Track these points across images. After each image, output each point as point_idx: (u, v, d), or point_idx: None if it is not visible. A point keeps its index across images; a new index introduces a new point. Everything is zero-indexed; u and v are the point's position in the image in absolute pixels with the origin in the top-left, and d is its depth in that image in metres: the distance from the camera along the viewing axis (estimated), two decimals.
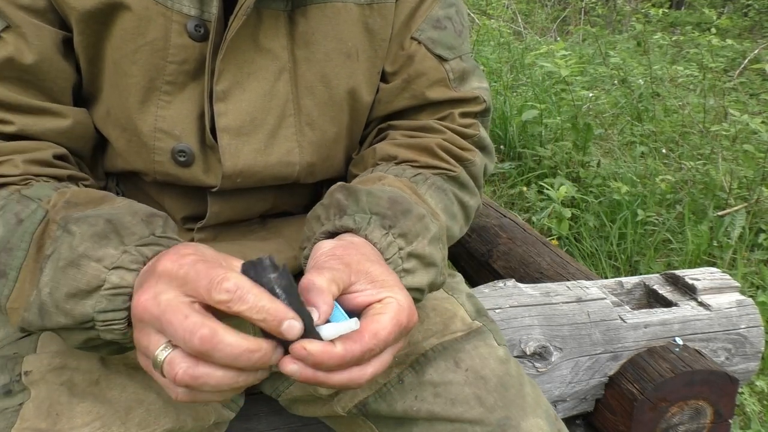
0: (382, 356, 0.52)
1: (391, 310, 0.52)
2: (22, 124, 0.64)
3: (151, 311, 0.48)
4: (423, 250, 0.64)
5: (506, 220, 1.72)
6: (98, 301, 0.53)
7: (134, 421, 0.63)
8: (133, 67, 0.65)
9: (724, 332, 1.14)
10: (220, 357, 0.45)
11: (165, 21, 0.64)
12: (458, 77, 0.79)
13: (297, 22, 0.69)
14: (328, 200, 0.67)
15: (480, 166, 0.80)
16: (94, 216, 0.56)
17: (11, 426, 0.60)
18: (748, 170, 2.72)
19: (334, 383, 0.49)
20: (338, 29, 0.71)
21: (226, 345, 0.45)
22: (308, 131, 0.72)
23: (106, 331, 0.54)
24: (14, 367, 0.65)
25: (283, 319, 0.46)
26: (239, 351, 0.45)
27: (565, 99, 3.38)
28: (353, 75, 0.73)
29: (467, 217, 0.78)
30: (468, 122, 0.79)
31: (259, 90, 0.68)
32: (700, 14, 6.30)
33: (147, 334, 0.49)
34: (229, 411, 0.78)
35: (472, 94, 0.79)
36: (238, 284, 0.46)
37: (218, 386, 0.47)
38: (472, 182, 0.78)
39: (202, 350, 0.45)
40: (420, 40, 0.77)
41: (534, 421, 0.70)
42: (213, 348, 0.45)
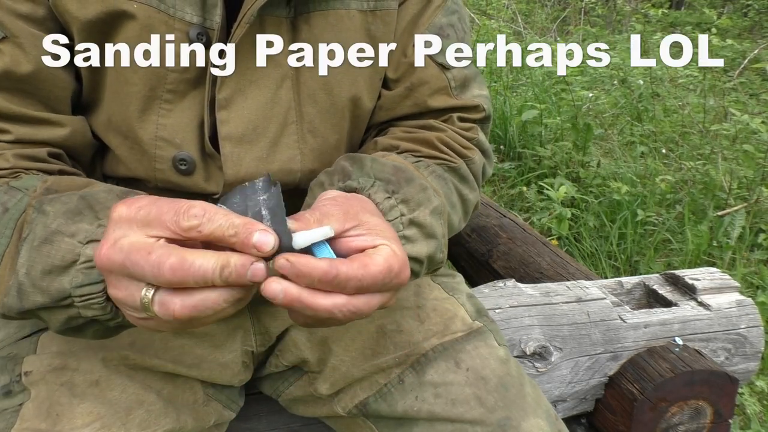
0: (369, 297, 0.49)
1: (385, 252, 0.50)
2: (19, 134, 0.64)
3: (114, 259, 0.46)
4: (424, 219, 0.63)
5: (506, 220, 1.72)
6: (74, 276, 0.52)
7: (135, 422, 0.63)
8: (134, 76, 0.65)
9: (723, 332, 1.14)
10: (196, 282, 0.44)
11: (167, 29, 0.64)
12: (459, 85, 0.79)
13: (300, 29, 0.69)
14: (332, 168, 0.68)
15: (479, 164, 0.80)
16: (68, 194, 0.56)
17: (11, 426, 0.60)
18: (748, 170, 2.72)
19: (318, 306, 0.47)
20: (341, 36, 0.71)
21: (197, 267, 0.43)
22: (310, 138, 0.72)
23: (86, 307, 0.52)
24: (14, 367, 0.65)
25: (253, 231, 0.44)
26: (211, 267, 0.44)
27: (565, 99, 3.38)
28: (355, 82, 0.73)
29: (466, 212, 0.78)
30: (467, 126, 0.79)
31: (261, 98, 0.68)
32: (700, 14, 6.30)
33: (120, 284, 0.47)
34: (230, 411, 0.78)
35: (473, 103, 0.79)
36: (205, 207, 0.45)
37: (217, 305, 0.45)
38: (472, 177, 0.78)
39: (175, 280, 0.44)
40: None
41: (534, 421, 0.70)
42: (186, 274, 0.43)
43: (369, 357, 0.75)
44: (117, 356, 0.67)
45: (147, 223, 0.46)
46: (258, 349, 0.79)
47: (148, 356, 0.69)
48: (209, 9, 0.64)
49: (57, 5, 0.63)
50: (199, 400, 0.73)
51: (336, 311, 0.48)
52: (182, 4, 0.64)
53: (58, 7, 0.63)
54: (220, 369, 0.75)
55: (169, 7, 0.63)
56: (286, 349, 0.80)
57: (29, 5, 0.62)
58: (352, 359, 0.76)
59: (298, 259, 0.45)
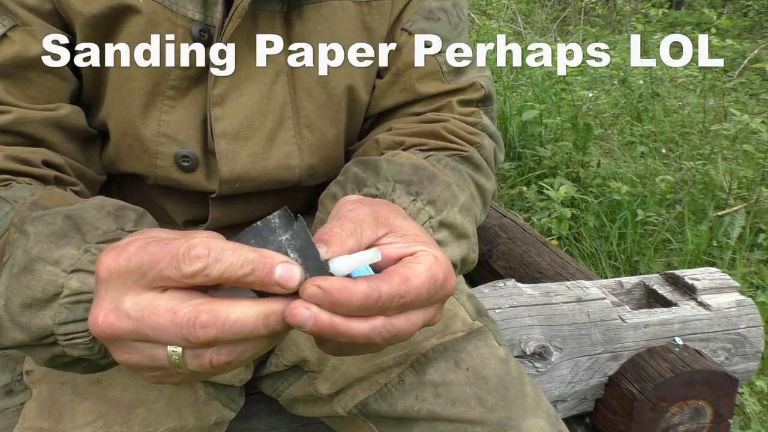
0: (412, 314, 0.43)
1: (427, 261, 0.43)
2: (19, 113, 0.62)
3: (120, 327, 0.40)
4: (454, 219, 0.59)
5: (506, 220, 1.72)
6: (57, 311, 0.46)
7: (136, 421, 0.63)
8: (138, 72, 0.65)
9: (723, 332, 1.14)
10: (236, 338, 0.38)
11: (171, 25, 0.64)
12: (453, 70, 0.75)
13: (293, 24, 0.69)
14: (343, 176, 0.64)
15: (490, 150, 0.76)
16: (53, 213, 0.50)
17: (13, 426, 0.60)
18: (748, 170, 2.72)
19: (355, 333, 0.40)
20: (334, 28, 0.70)
21: (234, 322, 0.38)
22: (307, 133, 0.72)
23: (71, 347, 0.47)
24: (15, 366, 0.65)
25: (273, 265, 0.38)
26: (252, 321, 0.38)
27: (565, 99, 3.38)
28: (351, 74, 0.73)
29: (484, 202, 0.74)
30: (469, 110, 0.76)
31: (256, 93, 0.68)
32: (700, 14, 6.30)
33: (133, 349, 0.41)
34: (230, 411, 0.78)
35: (469, 82, 0.76)
36: (209, 245, 0.38)
37: (257, 349, 0.40)
38: (485, 164, 0.74)
39: (211, 340, 0.38)
40: (410, 31, 0.74)
41: (534, 421, 0.70)
42: (222, 332, 0.38)
43: (369, 357, 0.75)
44: None
45: (143, 275, 0.39)
46: None
47: None
48: (210, 6, 0.64)
49: (61, 0, 0.63)
50: (200, 399, 0.73)
51: (375, 336, 0.41)
52: (184, 1, 0.64)
53: (62, 2, 0.63)
54: None
55: (173, 3, 0.63)
56: (286, 349, 0.80)
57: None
58: (352, 359, 0.76)
59: (332, 284, 0.39)
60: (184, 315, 0.38)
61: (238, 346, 0.39)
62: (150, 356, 0.41)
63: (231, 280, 0.38)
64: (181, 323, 0.38)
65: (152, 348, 0.40)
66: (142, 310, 0.39)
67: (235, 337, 0.38)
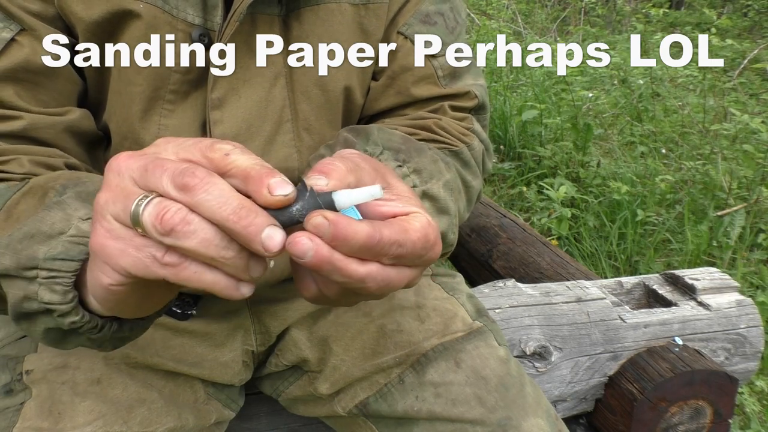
0: (402, 268, 0.43)
1: (422, 221, 0.43)
2: (31, 119, 0.63)
3: (134, 162, 0.40)
4: (437, 192, 0.60)
5: (506, 220, 1.72)
6: (53, 247, 0.47)
7: (136, 420, 0.63)
8: (138, 77, 0.65)
9: (723, 332, 1.14)
10: (209, 199, 0.37)
11: (171, 30, 0.64)
12: (449, 74, 0.76)
13: (291, 27, 0.69)
14: (333, 140, 0.65)
15: (479, 151, 0.76)
16: (94, 180, 0.53)
17: (13, 425, 0.60)
18: (748, 170, 2.72)
19: (351, 273, 0.40)
20: (332, 30, 0.71)
21: (218, 186, 0.37)
22: (306, 136, 0.72)
23: (46, 287, 0.47)
24: (15, 366, 0.65)
25: (272, 174, 0.39)
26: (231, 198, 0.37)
27: (564, 99, 3.38)
28: (349, 76, 0.73)
29: (470, 199, 0.74)
30: (461, 116, 0.76)
31: (254, 96, 0.68)
32: (699, 14, 6.30)
33: (120, 189, 0.40)
34: (230, 411, 0.78)
35: (463, 89, 0.76)
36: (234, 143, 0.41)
37: (205, 245, 0.38)
38: (474, 163, 0.74)
39: (187, 187, 0.37)
40: (406, 35, 0.74)
41: (535, 421, 0.70)
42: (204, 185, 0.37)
43: (369, 357, 0.75)
44: (118, 354, 0.67)
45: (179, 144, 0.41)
46: (258, 349, 0.79)
47: (148, 355, 0.69)
48: (210, 10, 0.64)
49: (62, 6, 0.63)
50: (199, 398, 0.73)
51: (369, 281, 0.41)
52: (184, 5, 0.64)
53: (64, 8, 0.63)
54: (220, 368, 0.75)
55: (173, 8, 0.63)
56: (286, 349, 0.80)
57: (40, 4, 0.62)
58: (353, 359, 0.76)
59: (339, 218, 0.38)
60: (184, 162, 0.39)
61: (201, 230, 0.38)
62: (125, 197, 0.39)
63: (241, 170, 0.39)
64: (177, 165, 0.38)
65: (131, 192, 0.39)
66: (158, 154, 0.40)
67: (212, 200, 0.37)
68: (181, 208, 0.37)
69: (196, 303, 0.76)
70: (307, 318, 0.80)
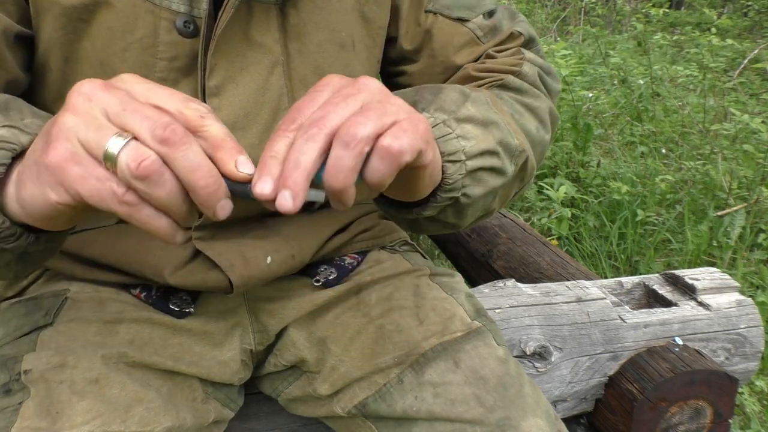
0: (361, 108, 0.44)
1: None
2: None
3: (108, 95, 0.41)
4: (470, 112, 0.59)
5: (506, 220, 1.72)
6: None
7: (134, 420, 0.63)
8: (123, 66, 0.64)
9: (723, 332, 1.14)
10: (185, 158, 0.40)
11: (153, 18, 0.63)
12: (488, 31, 0.76)
13: (288, 15, 0.68)
14: None
15: (533, 75, 0.75)
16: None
17: (11, 425, 0.60)
18: (748, 170, 2.72)
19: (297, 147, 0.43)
20: (330, 19, 0.70)
21: (194, 150, 0.41)
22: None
23: None
24: (14, 365, 0.65)
25: (240, 153, 0.43)
26: (202, 164, 0.41)
27: (565, 99, 3.38)
28: (349, 65, 0.73)
29: (542, 120, 0.72)
30: (509, 51, 0.76)
31: (252, 84, 0.68)
32: (700, 14, 6.30)
33: (90, 117, 0.41)
34: (228, 410, 0.78)
35: (506, 35, 0.77)
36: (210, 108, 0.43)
37: (170, 196, 0.41)
38: (528, 86, 0.73)
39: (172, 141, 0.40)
40: (435, 11, 0.75)
41: (534, 421, 0.70)
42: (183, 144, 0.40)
43: (368, 357, 0.75)
44: (116, 354, 0.67)
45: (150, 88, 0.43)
46: (257, 348, 0.79)
47: (147, 354, 0.69)
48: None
49: None
50: (198, 398, 0.73)
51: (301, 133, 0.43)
52: None
53: None
54: (219, 367, 0.75)
55: None
56: (284, 348, 0.80)
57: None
58: (351, 359, 0.76)
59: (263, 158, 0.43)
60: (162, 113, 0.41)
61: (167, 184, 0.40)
62: (97, 128, 0.41)
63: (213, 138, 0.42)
64: (159, 116, 0.40)
65: (104, 126, 0.41)
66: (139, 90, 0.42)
67: (182, 168, 0.40)
68: (158, 159, 0.40)
69: (193, 301, 0.76)
70: (305, 318, 0.80)
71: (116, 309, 0.73)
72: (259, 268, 0.73)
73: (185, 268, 0.71)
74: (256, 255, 0.73)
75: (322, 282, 0.81)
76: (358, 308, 0.80)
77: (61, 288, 0.75)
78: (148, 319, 0.73)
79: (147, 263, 0.71)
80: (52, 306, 0.72)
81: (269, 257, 0.74)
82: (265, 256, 0.73)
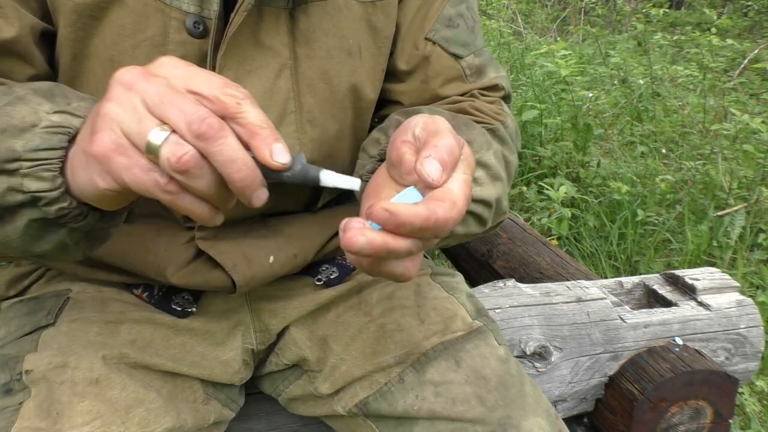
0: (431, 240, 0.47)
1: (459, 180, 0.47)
2: None
3: (148, 84, 0.43)
4: (490, 160, 0.63)
5: (506, 220, 1.72)
6: (29, 140, 0.47)
7: (134, 420, 0.63)
8: (133, 63, 0.65)
9: (723, 332, 1.14)
10: (222, 152, 0.42)
11: (163, 17, 0.63)
12: (475, 72, 0.80)
13: (298, 20, 0.69)
14: (386, 123, 0.68)
15: (513, 129, 0.79)
16: (40, 82, 0.53)
17: (11, 425, 0.60)
18: (748, 170, 2.72)
19: (399, 248, 0.44)
20: (339, 26, 0.71)
21: (230, 143, 0.42)
22: (309, 128, 0.72)
23: (32, 176, 0.47)
24: (15, 365, 0.65)
25: (278, 139, 0.44)
26: (238, 157, 0.42)
27: (565, 99, 3.38)
28: (355, 72, 0.73)
29: (509, 174, 0.76)
30: (491, 100, 0.80)
31: (259, 87, 0.68)
32: (700, 14, 6.30)
33: (131, 107, 0.43)
34: (229, 410, 0.78)
35: (491, 83, 0.80)
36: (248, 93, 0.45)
37: (208, 187, 0.43)
38: (509, 140, 0.77)
39: (208, 135, 0.41)
40: (435, 41, 0.77)
41: (534, 420, 0.70)
42: (219, 138, 0.41)
43: (369, 356, 0.75)
44: (117, 354, 0.67)
45: (188, 72, 0.44)
46: (258, 347, 0.79)
47: (148, 355, 0.69)
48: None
49: None
50: (198, 398, 0.73)
51: (414, 248, 0.45)
52: None
53: None
54: (220, 367, 0.75)
55: None
56: (286, 348, 0.80)
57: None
58: (353, 358, 0.76)
59: (398, 208, 0.43)
60: (199, 106, 0.42)
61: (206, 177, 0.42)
62: (138, 120, 0.42)
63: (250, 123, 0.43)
64: (195, 110, 0.42)
65: (145, 117, 0.42)
66: (177, 75, 0.43)
67: (219, 161, 0.42)
68: (197, 153, 0.42)
69: (196, 301, 0.76)
70: (306, 317, 0.80)
71: (118, 309, 0.73)
72: (261, 268, 0.73)
73: (188, 267, 0.71)
74: (259, 255, 0.73)
75: (323, 281, 0.81)
76: (360, 307, 0.80)
77: (63, 288, 0.75)
78: (149, 319, 0.73)
79: (149, 263, 0.71)
80: (54, 306, 0.72)
81: (272, 257, 0.74)
82: (267, 256, 0.74)
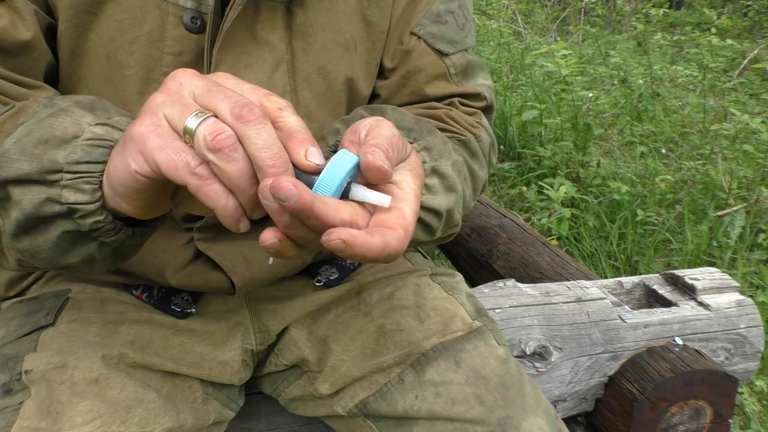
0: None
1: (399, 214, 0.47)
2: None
3: (198, 80, 0.45)
4: (446, 170, 0.62)
5: (506, 220, 1.72)
6: (71, 152, 0.48)
7: (134, 420, 0.63)
8: (130, 59, 0.65)
9: (723, 332, 1.14)
10: (258, 136, 0.42)
11: (160, 13, 0.63)
12: (461, 72, 0.78)
13: (294, 14, 0.68)
14: (349, 116, 0.67)
15: (486, 143, 0.78)
16: (81, 96, 0.54)
17: (11, 425, 0.60)
18: (748, 170, 2.72)
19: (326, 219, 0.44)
20: (335, 20, 0.71)
21: (267, 130, 0.43)
22: (306, 123, 0.72)
23: (72, 188, 0.48)
24: (15, 365, 0.65)
25: (314, 144, 0.45)
26: (274, 145, 0.43)
27: (565, 99, 3.38)
28: (351, 66, 0.73)
29: (476, 188, 0.76)
30: (470, 111, 0.78)
31: (256, 82, 0.67)
32: (700, 14, 6.30)
33: (178, 96, 0.44)
34: (229, 410, 0.78)
35: (474, 90, 0.78)
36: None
37: (239, 173, 0.43)
38: (481, 153, 0.76)
39: (248, 118, 0.42)
40: (419, 35, 0.75)
41: (534, 420, 0.70)
42: (257, 123, 0.42)
43: (369, 356, 0.75)
44: (117, 354, 0.67)
45: (238, 83, 0.46)
46: (258, 348, 0.79)
47: (147, 355, 0.69)
48: None
49: None
50: (198, 398, 0.73)
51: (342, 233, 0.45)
52: None
53: None
54: (220, 367, 0.75)
55: None
56: (285, 348, 0.80)
57: None
58: (352, 359, 0.76)
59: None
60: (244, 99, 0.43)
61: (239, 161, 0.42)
62: (182, 106, 0.44)
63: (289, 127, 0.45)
64: (239, 97, 0.43)
65: (189, 104, 0.44)
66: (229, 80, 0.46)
67: (259, 137, 0.42)
68: (233, 134, 0.42)
69: (195, 302, 0.76)
70: (306, 317, 0.80)
71: (117, 309, 0.73)
72: (260, 269, 0.73)
73: (187, 268, 0.71)
74: (258, 256, 0.73)
75: (323, 282, 0.81)
76: (359, 308, 0.80)
77: (62, 288, 0.75)
78: (149, 320, 0.73)
79: (149, 264, 0.71)
80: (53, 306, 0.72)
81: (271, 258, 0.74)
82: (266, 257, 0.73)
